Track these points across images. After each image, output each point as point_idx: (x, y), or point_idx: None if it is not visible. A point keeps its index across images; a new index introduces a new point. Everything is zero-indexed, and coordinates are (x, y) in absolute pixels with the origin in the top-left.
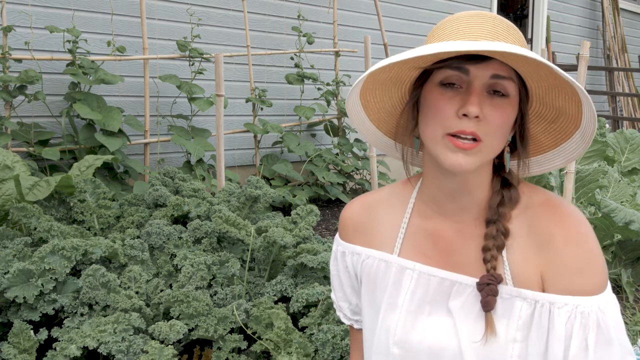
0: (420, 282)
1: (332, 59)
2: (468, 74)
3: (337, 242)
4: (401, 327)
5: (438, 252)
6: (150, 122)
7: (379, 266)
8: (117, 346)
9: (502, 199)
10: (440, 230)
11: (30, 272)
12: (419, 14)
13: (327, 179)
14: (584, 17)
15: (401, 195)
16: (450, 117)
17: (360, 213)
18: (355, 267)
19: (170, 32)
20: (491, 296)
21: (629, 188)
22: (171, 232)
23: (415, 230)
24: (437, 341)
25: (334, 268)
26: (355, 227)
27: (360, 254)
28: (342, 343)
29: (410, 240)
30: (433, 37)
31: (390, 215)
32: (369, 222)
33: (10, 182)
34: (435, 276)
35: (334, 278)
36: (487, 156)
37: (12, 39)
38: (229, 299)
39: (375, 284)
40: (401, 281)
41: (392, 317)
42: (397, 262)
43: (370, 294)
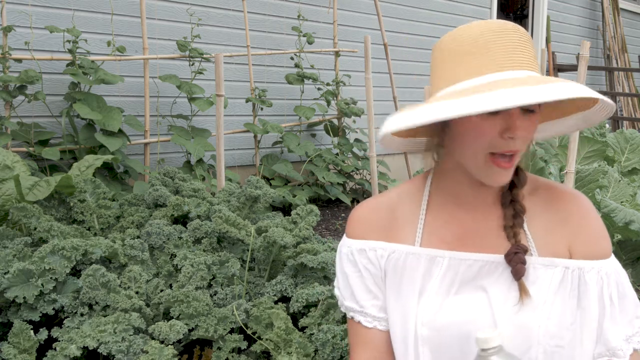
0: (451, 268)
1: (332, 59)
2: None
3: (347, 243)
4: (429, 309)
5: (457, 238)
6: (150, 122)
7: (406, 259)
8: (117, 346)
9: (514, 182)
10: (458, 217)
11: (30, 272)
12: (419, 14)
13: (327, 179)
14: (584, 17)
15: (411, 192)
16: (494, 139)
17: (373, 212)
18: (379, 261)
19: (170, 32)
20: (520, 264)
21: (629, 188)
22: (171, 232)
23: (433, 221)
24: (467, 318)
25: (353, 270)
26: (370, 225)
27: (384, 249)
28: (342, 343)
29: (429, 231)
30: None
31: (405, 211)
32: (386, 221)
33: (10, 182)
34: (465, 259)
35: (354, 280)
36: (517, 162)
37: (12, 39)
38: (229, 299)
39: (403, 276)
40: (431, 270)
41: (421, 301)
42: (426, 252)
43: (397, 286)
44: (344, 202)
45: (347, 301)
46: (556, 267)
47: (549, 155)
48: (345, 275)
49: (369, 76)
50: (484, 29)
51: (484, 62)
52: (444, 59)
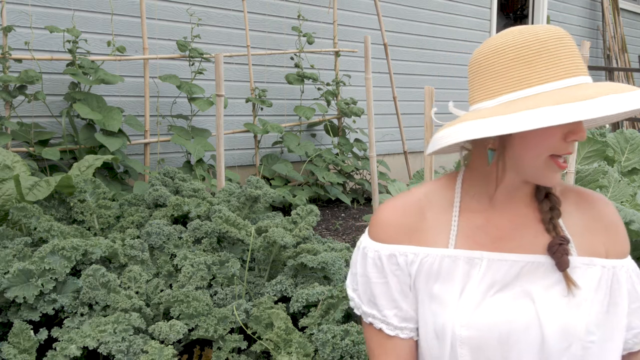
0: (490, 269)
1: (332, 59)
2: None
3: (374, 247)
4: (469, 310)
5: (492, 240)
6: (150, 122)
7: (442, 262)
8: (117, 346)
9: None
10: (492, 219)
11: (30, 272)
12: (419, 14)
13: (327, 179)
14: (584, 17)
15: (441, 192)
16: (559, 141)
17: (402, 214)
18: (409, 268)
19: (170, 32)
20: (565, 255)
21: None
22: (171, 232)
23: (467, 222)
24: (509, 318)
25: (378, 276)
26: (401, 229)
27: (416, 253)
28: (342, 343)
29: (464, 233)
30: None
31: (435, 212)
32: (415, 222)
33: (10, 182)
34: (505, 260)
35: (378, 287)
36: None
37: (12, 39)
38: (229, 299)
39: (438, 279)
40: (469, 272)
41: (459, 303)
42: (463, 254)
43: (430, 290)
44: (344, 202)
45: (365, 306)
46: (595, 266)
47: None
48: (367, 279)
49: (369, 76)
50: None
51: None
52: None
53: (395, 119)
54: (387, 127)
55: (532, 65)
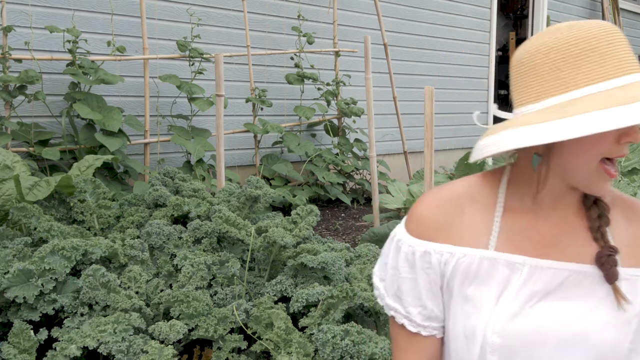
0: (532, 276)
1: (332, 59)
2: None
3: (410, 241)
4: (505, 317)
5: (534, 244)
6: (150, 122)
7: (480, 264)
8: (117, 346)
9: None
10: (536, 224)
11: (30, 272)
12: (419, 14)
13: (327, 179)
14: (584, 17)
15: (483, 190)
16: (611, 144)
17: (441, 209)
18: (442, 267)
19: (170, 32)
20: (614, 267)
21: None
22: (171, 232)
23: (509, 225)
24: (548, 329)
25: (408, 271)
26: (438, 225)
27: (452, 253)
28: (342, 343)
29: (505, 235)
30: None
31: (476, 210)
32: (453, 219)
33: (10, 182)
34: (549, 268)
35: (406, 282)
36: None
37: (12, 39)
38: (229, 299)
39: (474, 281)
40: (510, 277)
41: (495, 308)
42: (504, 258)
43: (465, 292)
44: (344, 202)
45: (389, 299)
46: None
47: None
48: (397, 272)
49: (369, 76)
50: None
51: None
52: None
53: (395, 119)
54: (387, 127)
55: (579, 65)
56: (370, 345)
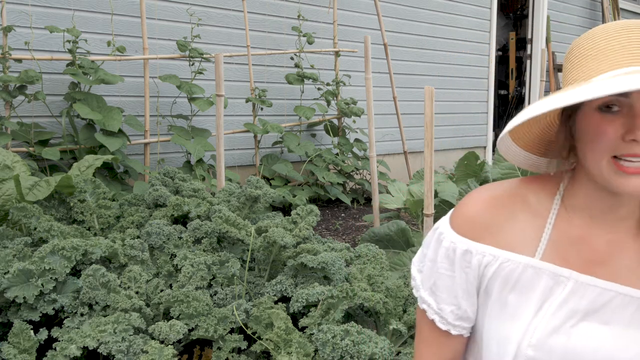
0: (576, 292)
1: (332, 59)
2: (628, 96)
3: (452, 237)
4: (542, 330)
5: (582, 260)
6: (150, 122)
7: (524, 271)
8: (117, 346)
9: None
10: (588, 238)
11: (30, 272)
12: (419, 14)
13: (327, 179)
14: (584, 17)
15: (539, 194)
16: (616, 141)
17: (491, 210)
18: (482, 269)
19: (170, 32)
20: None
21: None
22: (171, 232)
23: (560, 236)
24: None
25: (447, 267)
26: (485, 225)
27: (496, 256)
28: (342, 343)
29: (554, 246)
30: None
31: (529, 215)
32: (503, 221)
33: (10, 182)
34: (595, 286)
35: (443, 278)
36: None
37: (12, 39)
38: (229, 299)
39: (515, 289)
40: (553, 289)
41: (533, 320)
42: (550, 269)
43: (503, 298)
44: (344, 202)
45: (424, 292)
46: None
47: None
48: (435, 266)
49: (369, 76)
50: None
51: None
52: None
53: (395, 119)
54: (387, 127)
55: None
56: (370, 345)
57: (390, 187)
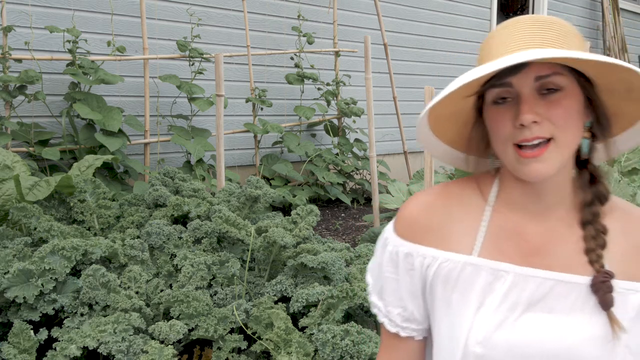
0: (516, 285)
1: (332, 59)
2: (511, 86)
3: (395, 241)
4: (487, 326)
5: (520, 253)
6: (150, 122)
7: (463, 270)
8: (117, 346)
9: (592, 197)
10: (523, 231)
11: (30, 272)
12: (419, 14)
13: (327, 179)
14: (584, 17)
15: (475, 193)
16: (510, 130)
17: (429, 212)
18: (424, 271)
19: (170, 32)
20: (609, 293)
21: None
22: (171, 232)
23: (496, 231)
24: (530, 341)
25: (391, 271)
26: (426, 227)
27: (436, 257)
28: (342, 343)
29: (491, 241)
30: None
31: (465, 213)
32: (442, 221)
33: (10, 182)
34: (535, 277)
35: (389, 282)
36: (564, 153)
37: (12, 39)
38: (229, 299)
39: (456, 287)
40: (493, 285)
41: (477, 317)
42: (488, 265)
43: (447, 298)
44: (344, 202)
45: (373, 296)
46: (637, 292)
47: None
48: (381, 271)
49: (369, 76)
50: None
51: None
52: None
53: (395, 119)
54: (387, 127)
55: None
56: (370, 345)
57: (390, 187)
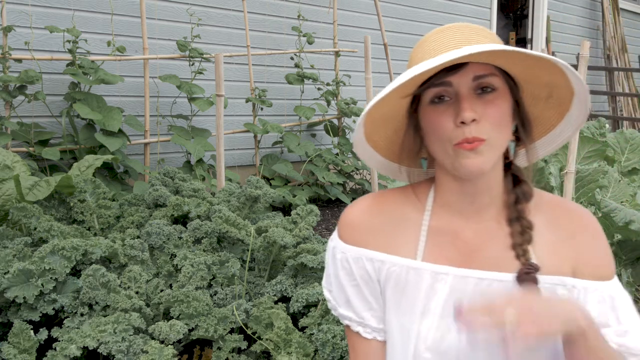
0: (456, 286)
1: (332, 59)
2: (451, 85)
3: (342, 248)
4: (434, 332)
5: (459, 254)
6: (150, 122)
7: (408, 274)
8: (117, 346)
9: (518, 196)
10: (460, 232)
11: (30, 272)
12: (419, 14)
13: (327, 179)
14: (584, 17)
15: (415, 197)
16: (451, 129)
17: (370, 214)
18: (376, 273)
19: (170, 32)
20: (534, 284)
21: (629, 188)
22: (171, 232)
23: (435, 233)
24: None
25: (349, 279)
26: (368, 229)
27: (383, 262)
28: (342, 343)
29: (431, 244)
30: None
31: (407, 219)
32: (383, 222)
33: (10, 182)
34: (471, 277)
35: (351, 290)
36: (497, 151)
37: (12, 39)
38: (229, 299)
39: (404, 292)
40: (434, 287)
41: (424, 322)
42: (429, 268)
43: (397, 301)
44: (344, 202)
45: (342, 309)
46: (564, 287)
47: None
48: (339, 281)
49: (369, 76)
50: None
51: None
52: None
53: None
54: None
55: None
56: None
57: (390, 187)
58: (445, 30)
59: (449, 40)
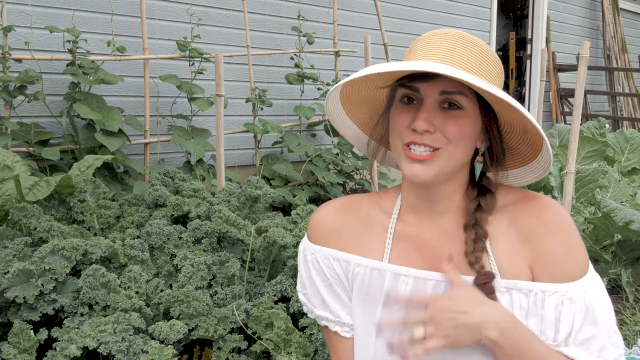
0: (417, 287)
1: (332, 59)
2: (419, 92)
3: (311, 249)
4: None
5: (422, 256)
6: (150, 122)
7: (371, 275)
8: (117, 346)
9: (479, 205)
10: (423, 235)
11: (30, 272)
12: (419, 14)
13: (327, 179)
14: (584, 17)
15: (382, 202)
16: (404, 130)
17: (338, 215)
18: (345, 273)
19: (170, 32)
20: (491, 294)
21: (629, 188)
22: (171, 232)
23: (401, 236)
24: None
25: (320, 279)
26: (335, 229)
27: (348, 262)
28: None
29: (397, 247)
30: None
31: (375, 221)
32: (350, 223)
33: (10, 182)
34: (430, 279)
35: (325, 290)
36: (448, 165)
37: (12, 39)
38: (229, 299)
39: (369, 292)
40: (396, 288)
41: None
42: (390, 269)
43: (362, 301)
44: None
45: (318, 310)
46: (520, 291)
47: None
48: (312, 282)
49: None
50: (429, 33)
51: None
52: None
53: None
54: None
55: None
56: None
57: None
58: (444, 35)
59: (437, 48)
